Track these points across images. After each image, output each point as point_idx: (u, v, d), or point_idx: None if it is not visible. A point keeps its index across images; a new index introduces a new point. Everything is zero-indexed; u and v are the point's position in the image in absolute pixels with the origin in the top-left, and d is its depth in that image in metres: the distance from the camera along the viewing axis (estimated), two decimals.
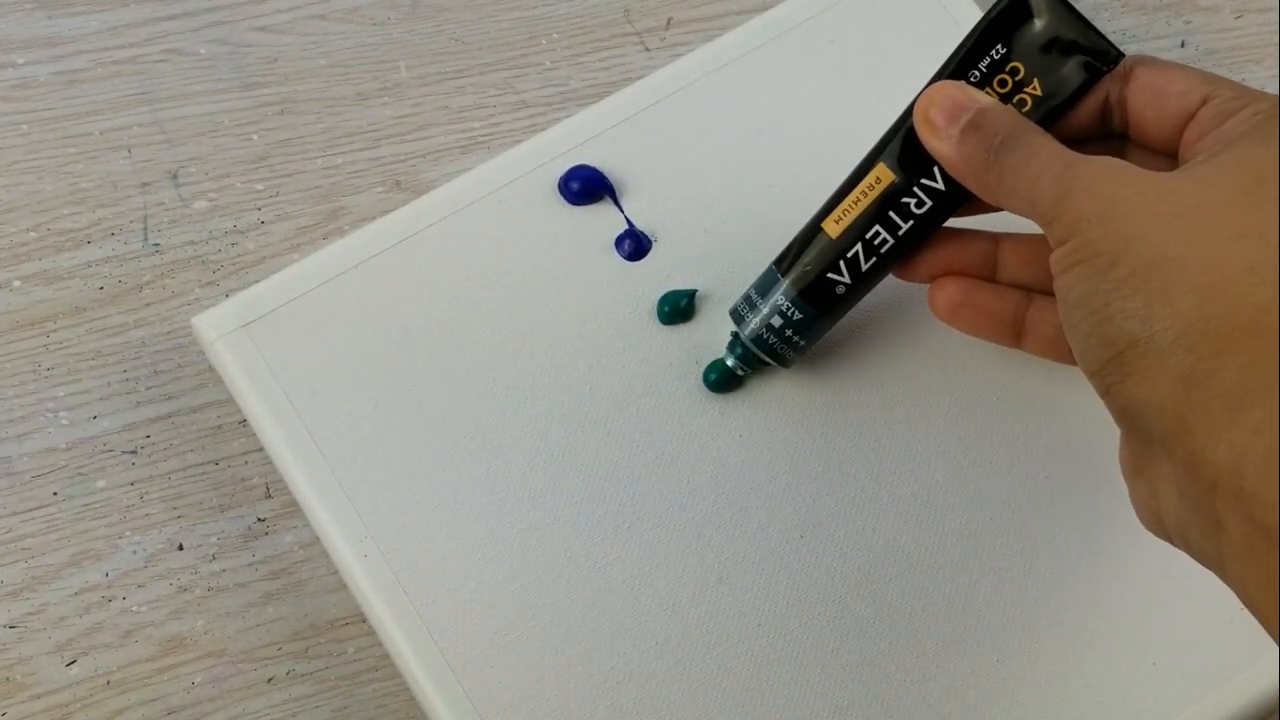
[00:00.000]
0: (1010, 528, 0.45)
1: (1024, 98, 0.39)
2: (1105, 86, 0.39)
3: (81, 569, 0.46)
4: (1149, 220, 0.32)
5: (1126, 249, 0.32)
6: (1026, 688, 0.43)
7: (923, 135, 0.39)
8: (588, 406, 0.46)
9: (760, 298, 0.43)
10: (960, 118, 0.37)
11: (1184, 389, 0.31)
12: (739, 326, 0.44)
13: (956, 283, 0.42)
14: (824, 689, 0.43)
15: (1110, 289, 0.32)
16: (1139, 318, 0.32)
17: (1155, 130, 0.38)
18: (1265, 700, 0.44)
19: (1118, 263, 0.32)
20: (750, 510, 0.45)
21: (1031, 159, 0.36)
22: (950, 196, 0.40)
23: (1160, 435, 0.32)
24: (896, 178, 0.40)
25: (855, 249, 0.41)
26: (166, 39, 0.54)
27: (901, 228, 0.40)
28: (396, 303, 0.47)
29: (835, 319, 0.43)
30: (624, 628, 0.43)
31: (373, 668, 0.46)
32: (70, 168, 0.51)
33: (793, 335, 0.43)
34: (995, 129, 0.37)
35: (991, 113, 0.37)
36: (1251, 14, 0.57)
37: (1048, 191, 0.35)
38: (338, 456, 0.45)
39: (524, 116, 0.53)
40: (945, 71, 0.40)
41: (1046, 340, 0.42)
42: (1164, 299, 0.31)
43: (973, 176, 0.37)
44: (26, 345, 0.49)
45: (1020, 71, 0.39)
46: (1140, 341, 0.32)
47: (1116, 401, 0.33)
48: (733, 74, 0.50)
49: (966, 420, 0.46)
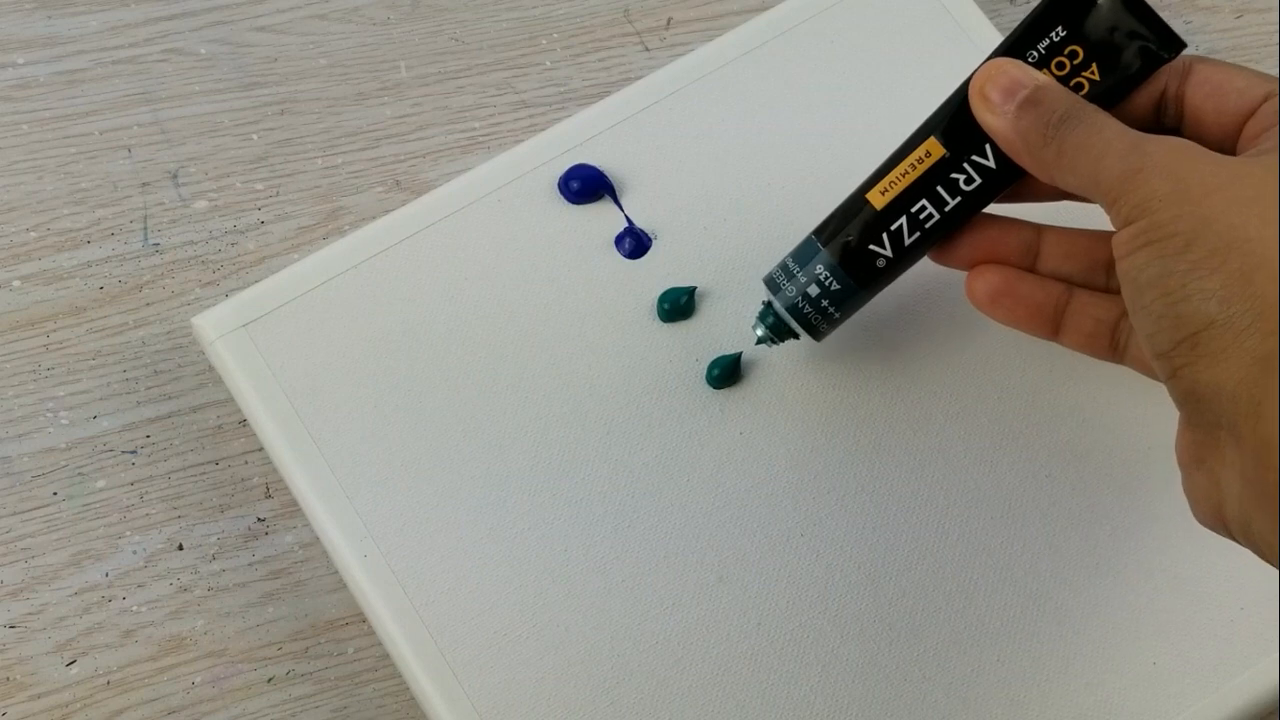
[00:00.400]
0: (1011, 527, 0.45)
1: (1081, 81, 0.38)
2: (1163, 79, 0.38)
3: (81, 569, 0.46)
4: (1226, 201, 0.32)
5: (1204, 228, 0.32)
6: (1026, 688, 0.43)
7: (977, 110, 0.38)
8: (588, 405, 0.46)
9: (799, 266, 0.42)
10: (1017, 94, 0.37)
11: (1261, 371, 0.30)
12: (773, 295, 0.43)
13: (999, 271, 0.41)
14: (824, 689, 0.43)
15: (1187, 270, 0.32)
16: (1217, 298, 0.31)
17: (1214, 125, 0.37)
18: (1265, 700, 0.44)
19: (1194, 243, 0.32)
20: (750, 509, 0.45)
21: (1094, 135, 0.35)
22: (1000, 174, 0.39)
23: (1230, 420, 0.31)
24: (947, 152, 0.39)
25: (899, 222, 0.40)
26: (166, 39, 0.54)
27: (948, 203, 0.40)
28: (396, 303, 0.47)
29: (873, 292, 0.42)
30: (624, 628, 0.43)
31: (373, 668, 0.46)
32: (70, 168, 0.51)
33: (828, 306, 0.42)
34: (1054, 105, 0.36)
35: (1050, 89, 0.37)
36: (1251, 14, 0.57)
37: (1113, 169, 0.34)
38: (338, 456, 0.45)
39: (524, 116, 0.53)
40: (1002, 50, 0.39)
41: (1085, 334, 0.41)
42: (1243, 280, 0.31)
43: (1029, 153, 0.37)
44: (26, 345, 0.49)
45: (1079, 55, 0.38)
46: (1217, 323, 0.31)
47: (1183, 385, 0.33)
48: (733, 74, 0.50)
49: (967, 419, 0.46)
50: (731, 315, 0.47)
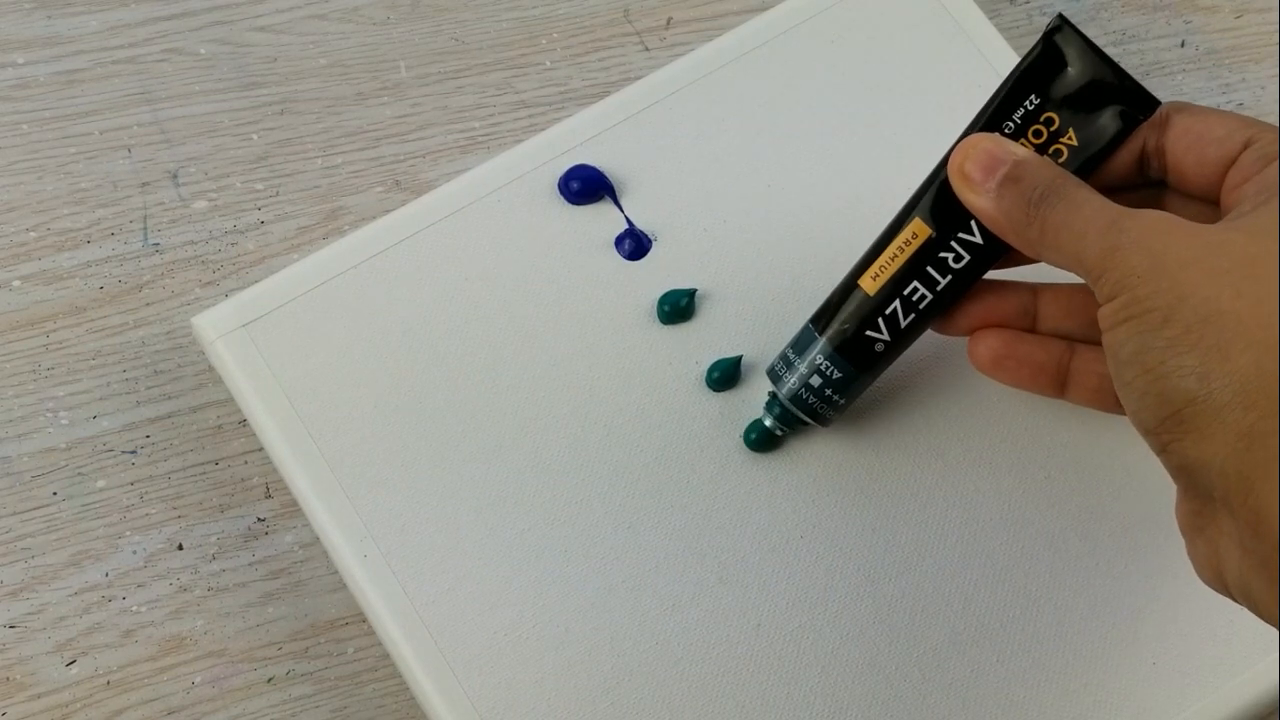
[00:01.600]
0: (1010, 528, 0.45)
1: (1060, 148, 0.38)
2: (1142, 134, 0.38)
3: (81, 569, 0.46)
4: (1201, 275, 0.32)
5: (1180, 304, 0.31)
6: (1026, 688, 0.43)
7: (959, 190, 0.38)
8: (587, 406, 0.46)
9: (798, 356, 0.42)
10: (997, 171, 0.37)
11: (1245, 446, 0.30)
12: (776, 386, 0.43)
13: (998, 335, 0.41)
14: (824, 689, 0.43)
15: (1164, 346, 0.32)
16: (1196, 375, 0.31)
17: (1195, 177, 0.37)
18: (1265, 700, 0.44)
19: (1171, 319, 0.31)
20: (750, 509, 0.45)
21: (1075, 213, 0.35)
22: (989, 250, 0.39)
23: (1222, 493, 0.31)
24: (933, 232, 0.39)
25: (894, 305, 0.40)
26: (166, 39, 0.54)
27: (940, 283, 0.40)
28: (396, 303, 0.47)
29: (875, 375, 0.42)
30: (624, 628, 0.43)
31: (373, 668, 0.46)
32: (70, 168, 0.51)
33: (832, 394, 0.42)
34: (1034, 182, 0.36)
35: (1029, 165, 0.36)
36: (1251, 14, 0.57)
37: (1093, 246, 0.34)
38: (338, 456, 0.45)
39: (524, 116, 0.53)
40: (978, 123, 0.39)
41: (1091, 390, 0.41)
42: (1220, 355, 0.31)
43: (1013, 232, 0.37)
44: (26, 345, 0.49)
45: (1055, 122, 0.38)
46: (1198, 399, 0.31)
47: (1174, 460, 0.32)
48: (733, 74, 0.50)
49: (966, 421, 0.46)
50: (732, 318, 0.47)
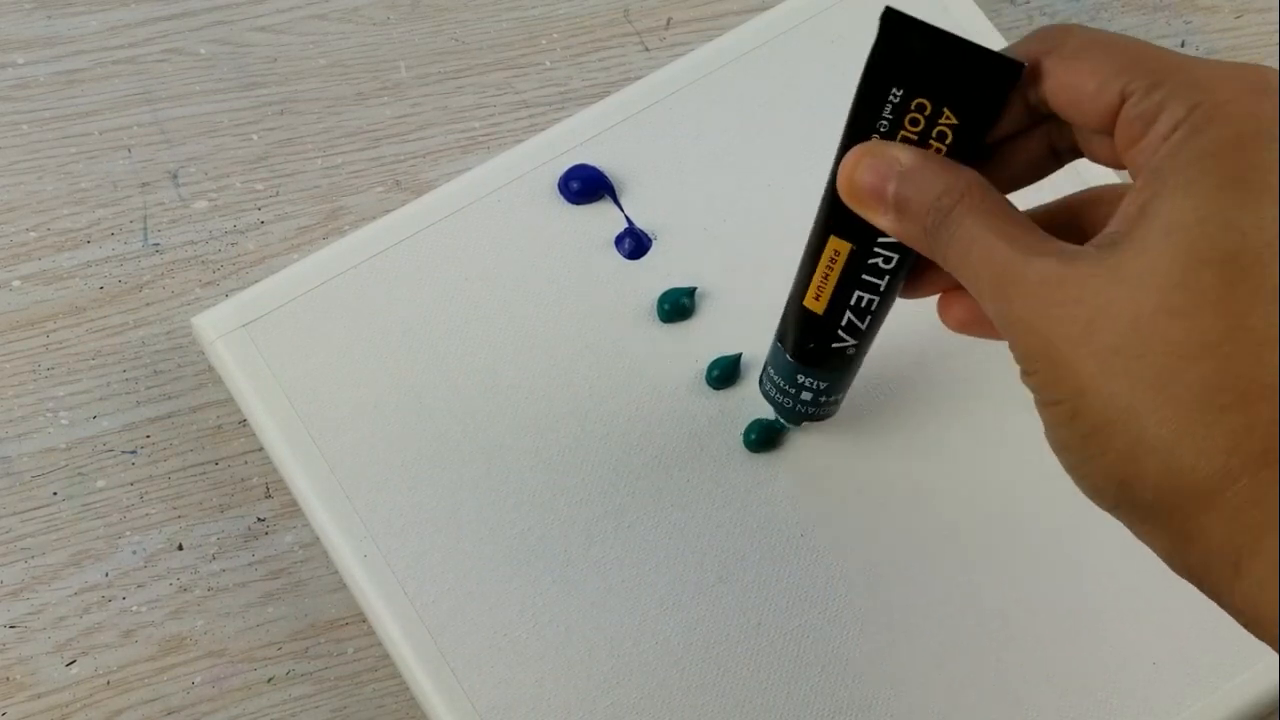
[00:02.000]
0: (1010, 527, 0.45)
1: (943, 129, 0.35)
2: (1022, 94, 0.34)
3: (81, 569, 0.46)
4: (1091, 363, 0.29)
5: (1080, 400, 0.30)
6: (1026, 688, 0.43)
7: (859, 213, 0.35)
8: (587, 405, 0.46)
9: (782, 379, 0.43)
10: (886, 189, 0.34)
11: (1184, 543, 0.29)
12: (776, 411, 0.44)
13: (961, 301, 0.38)
14: (824, 689, 0.43)
15: (1080, 443, 0.30)
16: (1117, 480, 0.29)
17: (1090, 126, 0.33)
18: (1265, 700, 0.44)
19: (1078, 415, 0.30)
20: (750, 508, 0.45)
21: (964, 259, 0.32)
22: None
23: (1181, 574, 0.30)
24: (853, 246, 0.38)
25: (846, 317, 0.39)
26: (166, 39, 0.54)
27: (880, 284, 0.39)
28: (396, 303, 0.47)
29: (857, 367, 0.42)
30: (624, 628, 0.43)
31: (373, 668, 0.46)
32: (70, 168, 0.51)
33: (824, 398, 0.43)
34: (922, 203, 0.33)
35: (913, 179, 0.34)
36: (1251, 14, 0.57)
37: (989, 305, 0.32)
38: (338, 456, 0.45)
39: (524, 116, 0.53)
40: (851, 129, 0.36)
41: None
42: (1132, 462, 0.29)
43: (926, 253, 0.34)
44: (26, 345, 0.49)
45: (928, 106, 0.35)
46: (1124, 502, 0.30)
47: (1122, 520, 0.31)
48: (733, 74, 0.50)
49: (966, 417, 0.46)
50: (731, 316, 0.47)
